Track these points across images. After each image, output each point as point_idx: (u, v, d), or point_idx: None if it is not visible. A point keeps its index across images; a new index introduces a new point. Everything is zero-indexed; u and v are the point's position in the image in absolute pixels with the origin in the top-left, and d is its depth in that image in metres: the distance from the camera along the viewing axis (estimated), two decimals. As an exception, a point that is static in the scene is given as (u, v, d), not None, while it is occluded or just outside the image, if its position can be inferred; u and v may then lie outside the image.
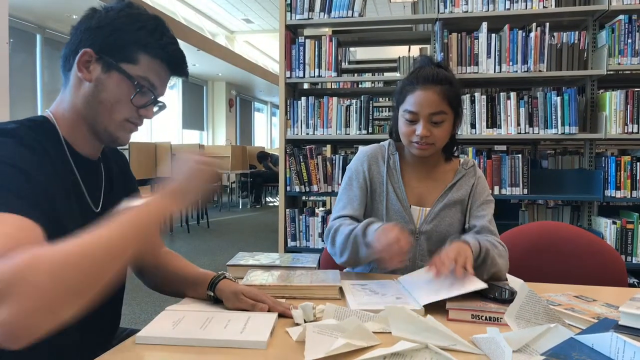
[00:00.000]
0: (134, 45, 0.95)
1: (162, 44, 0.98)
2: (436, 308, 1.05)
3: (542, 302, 0.91)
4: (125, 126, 0.99)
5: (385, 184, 1.45)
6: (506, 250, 1.35)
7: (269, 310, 1.02)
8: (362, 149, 1.53)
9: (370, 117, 3.08)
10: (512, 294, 1.06)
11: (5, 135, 0.84)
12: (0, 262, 0.64)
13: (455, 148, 1.51)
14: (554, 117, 2.85)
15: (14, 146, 0.83)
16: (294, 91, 3.39)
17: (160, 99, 1.03)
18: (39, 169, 0.85)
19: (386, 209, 1.43)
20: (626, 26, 2.84)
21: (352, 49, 6.79)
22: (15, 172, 0.80)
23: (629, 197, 2.82)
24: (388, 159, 1.48)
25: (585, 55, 3.03)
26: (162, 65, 0.99)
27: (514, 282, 1.03)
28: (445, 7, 2.97)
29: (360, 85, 5.43)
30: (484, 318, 1.01)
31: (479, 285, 1.08)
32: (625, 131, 2.80)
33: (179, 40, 1.03)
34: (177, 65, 1.02)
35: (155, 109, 1.04)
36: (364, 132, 3.08)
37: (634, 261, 2.81)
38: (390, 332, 0.87)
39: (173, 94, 11.97)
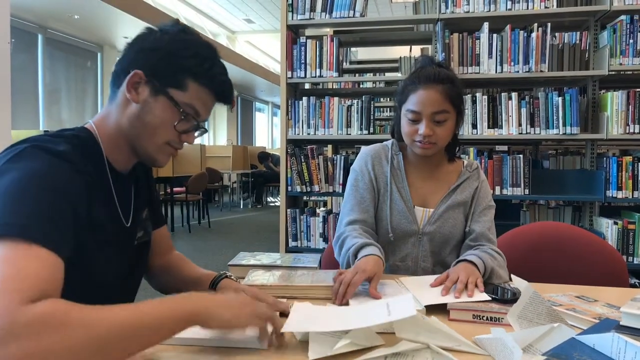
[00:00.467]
0: (185, 72, 0.96)
1: (212, 74, 0.98)
2: (437, 308, 1.05)
3: (545, 303, 0.91)
4: (165, 149, 1.00)
5: (389, 184, 1.45)
6: (504, 259, 1.35)
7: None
8: (364, 148, 1.53)
9: (372, 117, 3.08)
10: (514, 294, 1.06)
11: (61, 157, 0.84)
12: (22, 309, 0.64)
13: (457, 148, 1.51)
14: (555, 117, 2.85)
15: (69, 172, 0.84)
16: (295, 91, 3.39)
17: (203, 124, 1.04)
18: (86, 195, 0.86)
19: (390, 209, 1.43)
20: (628, 26, 2.83)
21: (353, 49, 6.78)
22: (63, 203, 0.80)
23: (631, 197, 2.82)
24: (392, 158, 1.48)
25: (586, 55, 3.02)
26: (209, 93, 1.00)
27: (519, 283, 1.03)
28: (446, 7, 2.97)
29: (361, 86, 5.43)
30: (485, 318, 1.01)
31: (483, 296, 1.08)
32: (627, 131, 2.80)
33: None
34: (223, 95, 1.03)
35: (197, 133, 1.05)
36: (365, 132, 3.08)
37: (635, 262, 2.81)
38: (393, 333, 0.87)
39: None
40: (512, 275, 1.05)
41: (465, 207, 1.45)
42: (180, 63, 0.95)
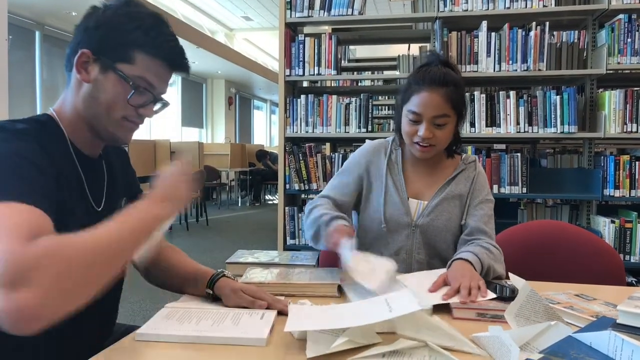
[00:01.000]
0: (130, 45, 0.95)
1: (159, 42, 0.97)
2: (441, 306, 1.05)
3: (542, 301, 0.92)
4: (124, 125, 0.99)
5: (384, 177, 1.46)
6: (500, 252, 1.36)
7: (267, 308, 1.03)
8: (368, 142, 1.56)
9: (370, 116, 3.08)
10: (513, 291, 1.06)
11: (23, 133, 0.86)
12: (28, 246, 0.67)
13: (456, 146, 1.51)
14: (553, 116, 2.85)
15: (27, 144, 0.85)
16: (293, 89, 3.38)
17: (163, 96, 1.03)
18: (48, 166, 0.86)
19: (384, 201, 1.44)
20: (626, 25, 2.84)
21: (351, 47, 6.78)
22: (29, 165, 0.82)
23: (628, 196, 2.83)
24: (390, 152, 1.50)
25: (584, 54, 3.03)
26: (160, 63, 0.98)
27: (516, 281, 1.04)
28: (445, 5, 2.97)
29: (359, 84, 5.42)
30: (489, 316, 1.02)
31: (489, 295, 1.08)
32: (624, 130, 2.80)
33: (178, 38, 1.02)
34: (175, 62, 1.01)
35: (157, 106, 1.03)
36: (363, 130, 3.08)
37: (632, 260, 2.82)
38: (392, 333, 0.86)
39: (172, 91, 11.94)
40: (510, 274, 1.06)
41: (462, 200, 1.46)
42: (125, 36, 0.94)
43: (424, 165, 1.49)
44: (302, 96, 3.14)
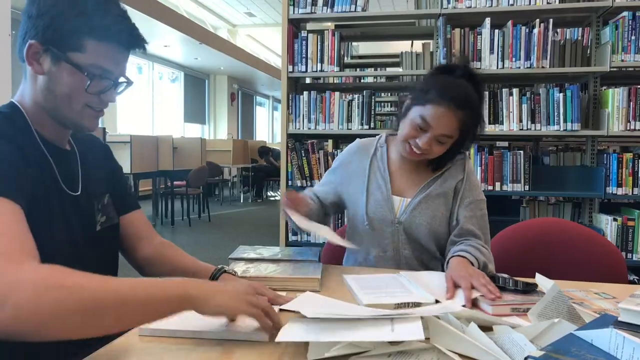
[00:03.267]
0: (77, 33, 0.89)
1: (107, 25, 0.91)
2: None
3: (567, 302, 0.91)
4: (87, 113, 0.96)
5: (368, 173, 1.48)
6: (490, 253, 1.36)
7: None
8: (358, 140, 1.59)
9: (372, 112, 3.08)
10: (527, 284, 1.08)
11: None
12: (22, 271, 0.68)
13: (452, 157, 1.47)
14: (556, 113, 2.85)
15: (2, 139, 0.84)
16: (296, 85, 3.38)
17: (127, 76, 0.99)
18: (17, 158, 0.85)
19: (366, 198, 1.46)
20: (630, 23, 2.83)
21: (354, 43, 6.77)
22: (7, 157, 0.82)
23: (630, 194, 2.83)
24: (376, 150, 1.52)
25: (588, 51, 3.02)
26: (113, 45, 0.93)
27: (543, 282, 1.03)
28: (448, 2, 2.96)
29: (362, 80, 5.41)
30: (523, 310, 1.01)
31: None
32: (628, 128, 2.80)
33: (181, 34, 1.02)
34: (128, 41, 0.95)
35: (120, 88, 0.99)
36: (365, 127, 3.08)
37: (634, 258, 2.82)
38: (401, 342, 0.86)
39: (175, 87, 11.95)
40: (537, 274, 1.06)
41: (447, 199, 1.44)
42: (70, 24, 0.89)
43: (409, 163, 1.48)
44: (305, 92, 3.14)
